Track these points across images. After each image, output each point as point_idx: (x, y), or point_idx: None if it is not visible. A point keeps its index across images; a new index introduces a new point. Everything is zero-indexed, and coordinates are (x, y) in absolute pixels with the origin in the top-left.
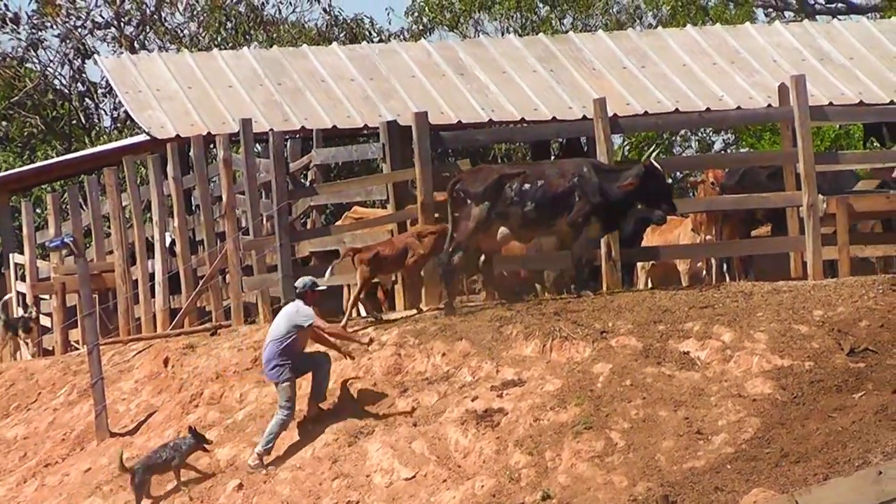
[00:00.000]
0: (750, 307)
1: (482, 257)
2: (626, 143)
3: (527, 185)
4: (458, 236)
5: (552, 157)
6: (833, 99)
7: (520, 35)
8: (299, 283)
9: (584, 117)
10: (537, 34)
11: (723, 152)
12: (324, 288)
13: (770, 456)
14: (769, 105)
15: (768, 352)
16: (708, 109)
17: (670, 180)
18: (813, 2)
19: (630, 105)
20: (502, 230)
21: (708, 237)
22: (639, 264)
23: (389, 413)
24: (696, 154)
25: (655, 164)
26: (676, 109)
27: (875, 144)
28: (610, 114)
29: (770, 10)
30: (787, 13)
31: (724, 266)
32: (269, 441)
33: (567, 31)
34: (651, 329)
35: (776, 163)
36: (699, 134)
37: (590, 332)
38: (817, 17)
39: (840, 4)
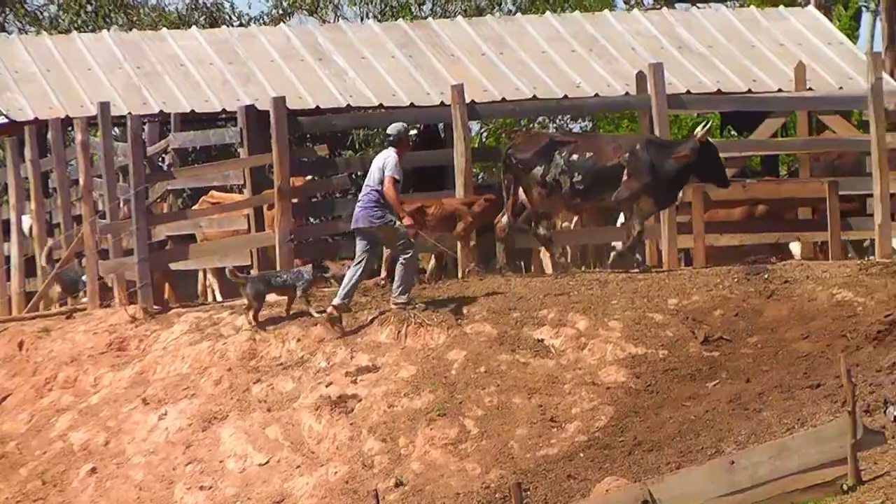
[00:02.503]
0: (605, 295)
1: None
2: (483, 129)
3: (576, 156)
4: (534, 205)
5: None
6: (691, 87)
7: (379, 20)
8: (392, 129)
9: (442, 103)
10: (396, 20)
11: None
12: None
13: (623, 444)
14: (627, 93)
15: (622, 340)
16: (566, 97)
17: None
18: None
19: (488, 91)
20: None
21: (565, 224)
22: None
23: (244, 398)
24: None
25: (710, 139)
26: (534, 96)
27: (732, 133)
28: (468, 100)
29: None
30: (646, 1)
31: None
32: (404, 286)
33: (426, 17)
34: (506, 316)
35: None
36: (557, 121)
37: (445, 319)
38: (676, 5)
39: None
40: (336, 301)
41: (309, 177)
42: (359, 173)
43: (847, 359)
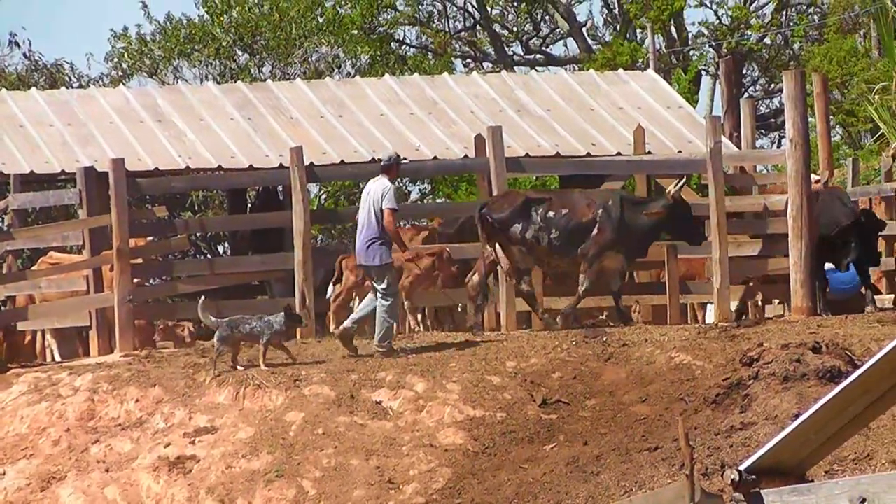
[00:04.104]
0: (443, 357)
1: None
2: (322, 192)
3: (552, 213)
4: (514, 263)
5: (248, 206)
6: (530, 150)
7: (218, 82)
8: (384, 154)
9: (282, 165)
10: (236, 82)
11: (419, 203)
12: None
13: None
14: (466, 156)
15: (461, 402)
16: (405, 159)
17: None
18: (511, 53)
19: (327, 154)
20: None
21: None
22: None
23: (82, 459)
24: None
25: (683, 197)
26: (373, 159)
27: None
28: (307, 162)
29: (469, 60)
30: (485, 64)
31: (420, 315)
32: (384, 335)
33: (265, 80)
34: (344, 378)
35: (472, 213)
36: (395, 183)
37: (283, 381)
38: (516, 68)
39: (538, 56)
40: (379, 348)
41: (149, 238)
42: (198, 234)
43: (685, 422)
